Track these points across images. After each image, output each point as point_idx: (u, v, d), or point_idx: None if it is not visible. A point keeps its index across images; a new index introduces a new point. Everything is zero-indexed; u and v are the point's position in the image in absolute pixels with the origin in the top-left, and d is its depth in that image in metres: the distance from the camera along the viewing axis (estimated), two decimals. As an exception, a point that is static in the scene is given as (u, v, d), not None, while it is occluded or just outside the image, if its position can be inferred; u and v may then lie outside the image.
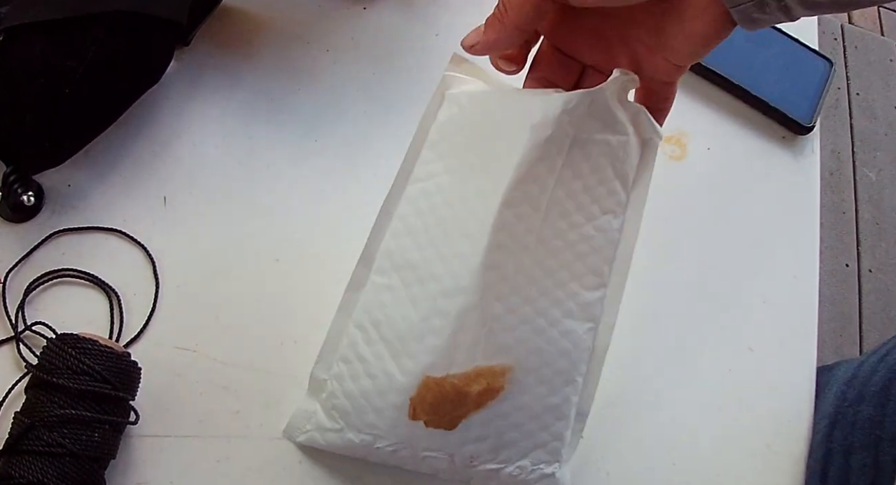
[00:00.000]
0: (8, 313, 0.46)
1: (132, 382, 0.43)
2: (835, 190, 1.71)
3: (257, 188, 0.53)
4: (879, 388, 0.52)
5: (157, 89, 0.52)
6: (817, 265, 0.58)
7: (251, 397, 0.46)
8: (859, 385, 0.54)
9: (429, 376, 0.40)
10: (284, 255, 0.51)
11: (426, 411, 0.41)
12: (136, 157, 0.52)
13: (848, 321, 1.58)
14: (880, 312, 1.60)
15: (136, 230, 0.50)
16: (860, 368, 0.56)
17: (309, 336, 0.49)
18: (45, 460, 0.39)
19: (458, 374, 0.40)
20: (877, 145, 1.83)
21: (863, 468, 0.50)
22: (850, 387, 0.54)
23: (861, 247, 1.68)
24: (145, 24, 0.48)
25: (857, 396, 0.53)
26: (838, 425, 0.52)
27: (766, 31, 0.65)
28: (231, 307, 0.49)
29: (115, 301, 0.48)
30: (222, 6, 0.56)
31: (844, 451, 0.51)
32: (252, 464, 0.45)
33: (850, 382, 0.55)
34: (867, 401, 0.52)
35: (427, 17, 0.62)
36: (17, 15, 0.44)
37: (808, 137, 0.63)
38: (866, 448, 0.50)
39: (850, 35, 1.97)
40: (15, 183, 0.48)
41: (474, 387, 0.40)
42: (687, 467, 0.49)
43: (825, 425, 0.53)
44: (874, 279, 1.64)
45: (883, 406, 0.51)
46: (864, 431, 0.51)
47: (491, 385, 0.41)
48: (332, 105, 0.57)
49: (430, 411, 0.41)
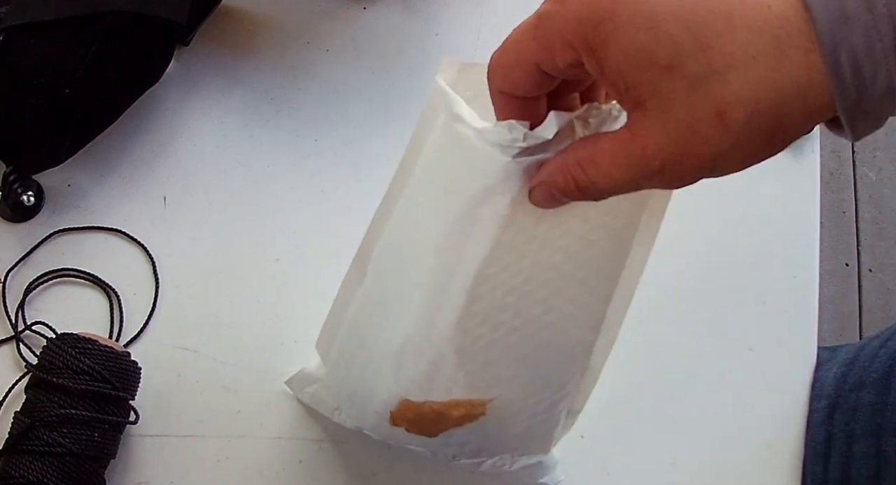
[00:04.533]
0: (8, 313, 0.46)
1: (132, 381, 0.43)
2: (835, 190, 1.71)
3: (257, 188, 0.53)
4: (881, 375, 0.51)
5: (157, 89, 0.52)
6: (817, 265, 0.58)
7: (251, 397, 0.46)
8: (860, 370, 0.53)
9: (407, 400, 0.39)
10: (284, 255, 0.51)
11: (407, 423, 0.40)
12: (136, 156, 0.52)
13: (848, 321, 1.58)
14: (880, 312, 1.60)
15: (136, 230, 0.50)
16: (861, 350, 0.55)
17: (309, 336, 0.49)
18: (45, 459, 0.39)
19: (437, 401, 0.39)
20: (877, 145, 1.83)
21: (865, 457, 0.49)
22: (851, 370, 0.54)
23: (861, 247, 1.68)
24: (145, 24, 0.48)
25: (857, 380, 0.53)
26: (839, 408, 0.52)
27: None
28: (231, 307, 0.49)
29: (115, 301, 0.48)
30: (222, 6, 0.56)
31: (846, 437, 0.51)
32: (252, 464, 0.45)
33: (850, 364, 0.54)
34: (868, 387, 0.52)
35: (427, 16, 0.62)
36: (17, 15, 0.44)
37: (808, 137, 0.63)
38: (868, 437, 0.50)
39: (851, 35, 1.96)
40: (15, 183, 0.48)
41: (454, 411, 0.39)
42: (687, 467, 0.49)
43: (824, 406, 0.52)
44: (874, 279, 1.64)
45: (884, 394, 0.50)
46: (865, 418, 0.50)
47: (470, 412, 0.40)
48: (332, 105, 0.57)
49: (411, 424, 0.40)
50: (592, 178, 0.28)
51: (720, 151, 0.25)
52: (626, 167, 0.27)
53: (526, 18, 0.29)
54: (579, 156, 0.29)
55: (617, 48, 0.25)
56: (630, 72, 0.25)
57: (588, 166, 0.28)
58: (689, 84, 0.25)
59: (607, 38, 0.25)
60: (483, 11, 0.63)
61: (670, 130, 0.25)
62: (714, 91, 0.24)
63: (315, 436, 0.46)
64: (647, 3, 0.25)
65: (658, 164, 0.26)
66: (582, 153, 0.29)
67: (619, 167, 0.27)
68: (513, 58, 0.29)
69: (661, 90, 0.25)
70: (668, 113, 0.25)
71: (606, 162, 0.28)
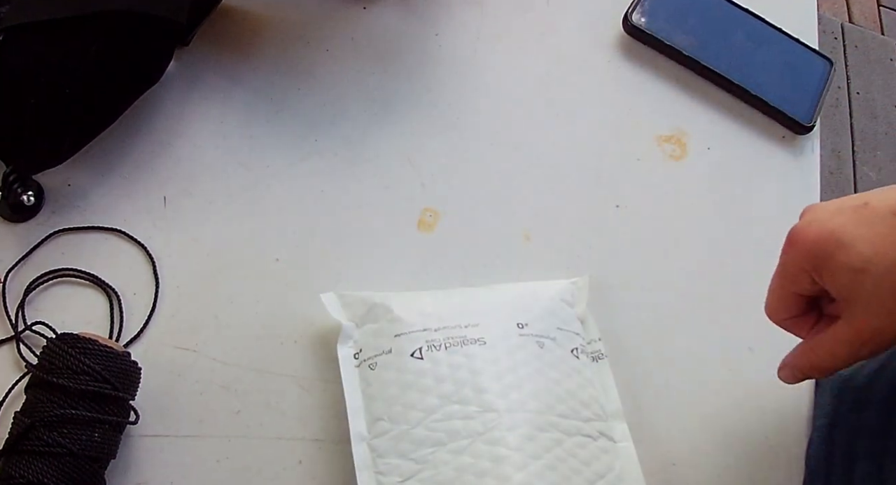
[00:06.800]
0: (8, 313, 0.46)
1: (132, 381, 0.43)
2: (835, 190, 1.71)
3: (257, 188, 0.53)
4: (884, 397, 0.52)
5: (157, 89, 0.52)
6: (817, 265, 0.58)
7: (251, 397, 0.46)
8: (856, 390, 0.54)
9: None
10: (284, 255, 0.51)
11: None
12: (137, 157, 0.52)
13: (848, 321, 1.57)
14: (880, 312, 1.60)
15: (136, 230, 0.50)
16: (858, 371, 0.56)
17: (309, 336, 0.49)
18: (45, 459, 0.39)
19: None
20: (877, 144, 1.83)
21: (868, 478, 0.50)
22: (847, 388, 0.54)
23: (861, 246, 1.67)
24: (145, 24, 0.48)
25: (854, 400, 0.53)
26: (838, 428, 0.52)
27: (766, 31, 0.65)
28: (231, 307, 0.49)
29: (115, 301, 0.48)
30: (222, 6, 0.56)
31: (848, 457, 0.51)
32: (252, 464, 0.45)
33: (847, 381, 0.55)
34: (870, 410, 0.52)
35: (427, 17, 0.62)
36: (17, 15, 0.44)
37: (808, 137, 0.63)
38: (871, 458, 0.50)
39: (851, 34, 1.96)
40: (15, 183, 0.48)
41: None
42: (687, 466, 0.49)
43: (825, 424, 0.53)
44: (874, 279, 1.64)
45: (890, 416, 0.51)
46: (868, 440, 0.51)
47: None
48: (332, 105, 0.57)
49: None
50: (824, 357, 0.40)
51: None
52: (845, 344, 0.39)
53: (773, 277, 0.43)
54: (812, 345, 0.41)
55: (833, 268, 0.37)
56: (842, 279, 0.37)
57: (820, 350, 0.40)
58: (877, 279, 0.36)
59: (827, 264, 0.37)
60: (483, 11, 0.63)
61: (871, 311, 0.37)
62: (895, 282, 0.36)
63: (315, 436, 0.46)
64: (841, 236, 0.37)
65: (864, 338, 0.38)
66: (814, 343, 0.41)
67: (840, 346, 0.39)
68: (777, 297, 0.43)
69: (861, 286, 0.37)
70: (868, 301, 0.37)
71: (830, 344, 0.39)
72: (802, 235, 0.39)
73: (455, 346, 0.45)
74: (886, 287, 0.36)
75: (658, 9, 0.64)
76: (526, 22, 0.63)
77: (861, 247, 0.36)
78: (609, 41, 0.64)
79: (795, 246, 0.39)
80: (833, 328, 0.39)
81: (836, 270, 0.37)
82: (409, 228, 0.54)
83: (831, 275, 0.38)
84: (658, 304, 0.54)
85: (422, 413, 0.43)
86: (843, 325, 0.38)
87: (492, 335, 0.46)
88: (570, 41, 0.63)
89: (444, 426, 0.42)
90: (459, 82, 0.60)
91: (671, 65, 0.64)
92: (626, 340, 0.53)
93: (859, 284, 0.36)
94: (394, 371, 0.44)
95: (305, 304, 0.49)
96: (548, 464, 0.42)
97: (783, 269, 0.41)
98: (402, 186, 0.55)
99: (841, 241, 0.37)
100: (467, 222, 0.54)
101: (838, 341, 0.39)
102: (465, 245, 0.54)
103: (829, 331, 0.39)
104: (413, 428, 0.42)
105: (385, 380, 0.44)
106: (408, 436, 0.42)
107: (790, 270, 0.40)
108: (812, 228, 0.38)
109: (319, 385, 0.47)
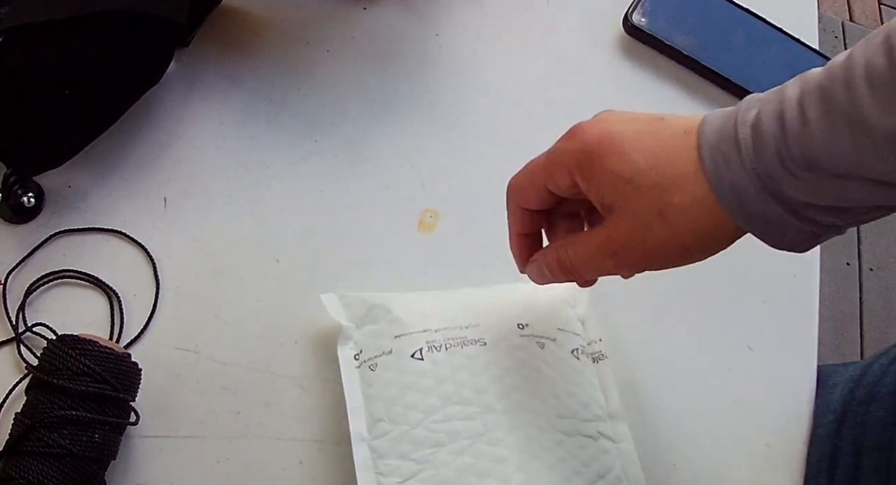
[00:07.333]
0: (8, 314, 0.46)
1: (132, 382, 0.43)
2: (835, 189, 1.71)
3: (257, 188, 0.53)
4: (892, 390, 0.52)
5: (157, 90, 0.52)
6: (817, 264, 0.58)
7: (251, 396, 0.46)
8: (868, 385, 0.54)
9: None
10: (284, 255, 0.51)
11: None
12: (137, 158, 0.52)
13: (848, 320, 1.57)
14: (881, 311, 1.60)
15: (136, 231, 0.50)
16: (869, 368, 0.55)
17: (309, 336, 0.49)
18: (46, 460, 0.39)
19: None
20: (877, 144, 1.82)
21: (875, 470, 0.50)
22: (859, 386, 0.54)
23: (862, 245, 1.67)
24: (145, 25, 0.48)
25: (866, 395, 0.53)
26: (846, 423, 0.52)
27: (767, 31, 0.65)
28: (231, 307, 0.49)
29: (116, 302, 0.48)
30: (222, 6, 0.56)
31: (854, 451, 0.51)
32: (252, 464, 0.45)
33: (858, 380, 0.55)
34: (879, 402, 0.52)
35: (427, 17, 0.62)
36: (17, 15, 0.44)
37: (808, 137, 0.63)
38: (878, 450, 0.50)
39: (852, 33, 1.96)
40: (15, 184, 0.48)
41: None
42: (687, 466, 0.49)
43: (831, 420, 0.53)
44: (875, 278, 1.64)
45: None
46: (875, 432, 0.51)
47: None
48: (332, 105, 0.57)
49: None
50: (571, 256, 0.39)
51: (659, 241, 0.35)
52: (594, 249, 0.37)
53: (540, 154, 0.39)
54: (565, 241, 0.39)
55: (599, 171, 0.36)
56: (606, 186, 0.36)
57: (569, 248, 0.39)
58: (642, 192, 0.35)
59: (593, 165, 0.36)
60: (483, 11, 0.63)
61: (627, 223, 0.36)
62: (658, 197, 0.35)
63: (315, 436, 0.46)
64: (621, 142, 0.35)
65: (614, 248, 0.36)
66: (567, 240, 0.39)
67: (588, 249, 0.38)
68: (528, 181, 0.40)
69: (624, 197, 0.35)
70: (627, 212, 0.35)
71: (581, 244, 0.38)
72: (583, 132, 0.37)
73: (455, 347, 0.45)
74: (646, 203, 0.35)
75: (658, 9, 0.64)
76: (526, 22, 0.63)
77: (635, 156, 0.35)
78: (609, 41, 0.64)
79: (572, 140, 0.37)
80: (588, 231, 0.39)
81: (603, 173, 0.36)
82: (410, 228, 0.54)
83: (597, 178, 0.36)
84: (657, 303, 0.54)
85: (422, 414, 0.43)
86: (598, 230, 0.37)
87: (492, 336, 0.46)
88: (570, 41, 0.63)
89: (444, 427, 0.42)
90: (459, 82, 0.59)
91: (671, 65, 0.63)
92: (627, 341, 0.53)
93: (621, 193, 0.35)
94: (394, 372, 0.44)
95: (305, 304, 0.49)
96: (548, 464, 0.42)
97: (548, 157, 0.39)
98: (403, 187, 0.55)
99: (618, 146, 0.35)
100: (468, 222, 0.54)
101: (588, 244, 0.38)
102: (465, 245, 0.54)
103: (584, 232, 0.39)
104: (413, 429, 0.42)
105: (385, 381, 0.44)
106: (408, 437, 0.42)
107: (554, 160, 0.38)
108: (596, 127, 0.37)
109: (319, 386, 0.47)
